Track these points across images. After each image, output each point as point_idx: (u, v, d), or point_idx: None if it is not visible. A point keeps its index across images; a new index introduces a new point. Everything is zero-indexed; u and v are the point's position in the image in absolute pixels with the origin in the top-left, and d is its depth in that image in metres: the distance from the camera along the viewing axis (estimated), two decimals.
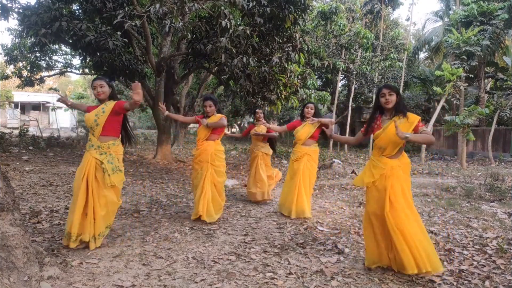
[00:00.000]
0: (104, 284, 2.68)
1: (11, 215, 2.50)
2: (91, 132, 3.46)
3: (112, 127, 3.44)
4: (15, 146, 11.57)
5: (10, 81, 30.10)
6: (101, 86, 3.42)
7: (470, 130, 12.58)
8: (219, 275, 2.92)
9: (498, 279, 2.93)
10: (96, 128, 3.39)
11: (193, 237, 3.91)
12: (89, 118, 3.41)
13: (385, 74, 18.52)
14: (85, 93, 34.39)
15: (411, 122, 2.95)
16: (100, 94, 3.42)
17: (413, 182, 8.67)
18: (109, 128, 3.42)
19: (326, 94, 17.70)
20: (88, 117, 3.42)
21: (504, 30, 16.07)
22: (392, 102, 3.00)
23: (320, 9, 15.79)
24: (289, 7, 7.15)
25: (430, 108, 21.63)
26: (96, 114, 3.39)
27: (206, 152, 4.47)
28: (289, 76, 8.82)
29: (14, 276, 2.41)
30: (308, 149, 4.94)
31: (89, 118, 3.41)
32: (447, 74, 13.77)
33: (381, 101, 3.05)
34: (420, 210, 5.57)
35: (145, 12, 6.49)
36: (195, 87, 15.68)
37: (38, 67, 14.45)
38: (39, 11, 7.41)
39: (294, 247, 3.68)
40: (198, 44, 8.04)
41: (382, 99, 3.04)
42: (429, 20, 24.71)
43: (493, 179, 7.88)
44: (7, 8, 7.92)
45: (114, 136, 3.47)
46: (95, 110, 3.44)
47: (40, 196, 5.45)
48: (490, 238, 4.01)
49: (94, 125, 3.39)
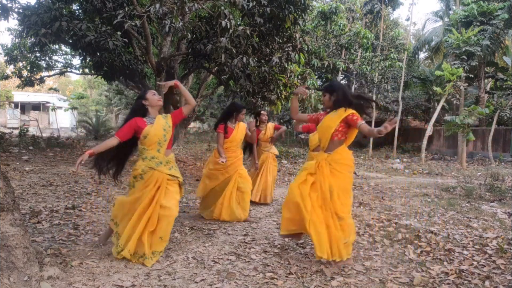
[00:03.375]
0: (104, 284, 2.68)
1: (11, 215, 2.50)
2: (153, 148, 3.14)
3: (171, 139, 3.25)
4: (15, 146, 11.57)
5: (10, 81, 30.10)
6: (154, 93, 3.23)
7: (470, 130, 12.59)
8: (219, 275, 2.92)
9: (498, 279, 2.93)
10: (164, 144, 3.15)
11: (193, 237, 3.91)
12: (158, 133, 3.08)
13: (385, 74, 18.49)
14: (85, 93, 34.40)
15: (339, 114, 3.11)
16: (160, 100, 3.23)
17: (413, 182, 8.68)
18: (170, 141, 3.24)
19: None
20: (156, 132, 3.08)
21: (504, 30, 16.07)
22: (325, 102, 3.28)
23: (320, 9, 15.78)
24: (289, 7, 7.15)
25: (430, 108, 21.62)
26: (164, 129, 3.12)
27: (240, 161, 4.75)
28: (289, 76, 8.81)
29: (14, 276, 2.41)
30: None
31: (158, 133, 3.08)
32: (447, 74, 13.78)
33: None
34: (420, 210, 5.58)
35: (145, 12, 6.48)
36: (195, 87, 15.67)
37: (38, 67, 14.44)
38: (39, 11, 7.41)
39: (294, 247, 3.67)
40: (198, 44, 8.03)
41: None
42: (429, 20, 24.71)
43: (493, 179, 7.88)
44: (7, 8, 7.92)
45: (170, 148, 3.29)
46: (160, 125, 3.12)
47: (40, 196, 5.45)
48: (490, 238, 4.00)
49: (162, 140, 3.13)
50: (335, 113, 3.18)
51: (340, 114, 3.12)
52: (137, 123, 3.14)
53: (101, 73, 9.57)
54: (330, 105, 3.25)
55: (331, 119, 3.16)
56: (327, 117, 3.22)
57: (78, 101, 28.26)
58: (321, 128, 3.26)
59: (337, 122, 3.12)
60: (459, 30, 15.42)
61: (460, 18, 15.83)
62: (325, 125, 3.19)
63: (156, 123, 3.16)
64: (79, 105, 28.99)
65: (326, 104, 3.28)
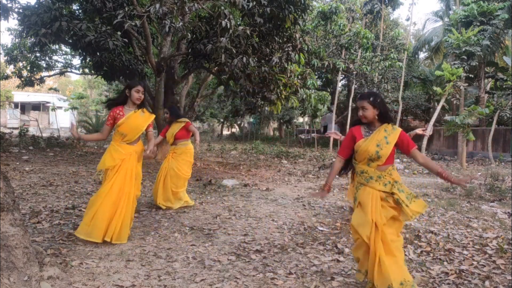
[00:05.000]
0: (104, 284, 2.68)
1: (11, 215, 2.50)
2: (365, 163, 2.72)
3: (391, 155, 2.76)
4: (15, 146, 11.57)
5: (10, 81, 30.12)
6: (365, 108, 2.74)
7: (470, 130, 12.58)
8: (219, 275, 2.92)
9: (498, 279, 2.93)
10: (378, 161, 2.69)
11: (193, 237, 3.91)
12: (370, 149, 2.65)
13: (385, 74, 18.50)
14: (85, 93, 34.40)
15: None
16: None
17: (413, 182, 8.68)
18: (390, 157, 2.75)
19: (326, 94, 17.67)
20: (367, 148, 2.67)
21: (504, 30, 16.07)
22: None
23: (320, 9, 15.79)
24: (289, 7, 7.15)
25: (430, 108, 21.63)
26: (378, 145, 2.66)
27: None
28: (289, 76, 8.81)
29: (14, 276, 2.41)
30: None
31: (370, 149, 2.65)
32: (447, 74, 13.77)
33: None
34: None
35: (145, 12, 6.48)
36: (195, 87, 15.66)
37: (38, 67, 14.44)
38: (39, 11, 7.41)
39: (294, 247, 3.67)
40: (198, 44, 8.03)
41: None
42: (429, 20, 24.72)
43: (493, 179, 7.88)
44: (7, 8, 7.93)
45: (390, 163, 2.77)
46: (375, 139, 2.68)
47: (40, 196, 5.45)
48: (490, 238, 4.01)
49: (375, 156, 2.67)
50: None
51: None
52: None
53: (101, 73, 9.57)
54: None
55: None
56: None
57: (78, 101, 28.25)
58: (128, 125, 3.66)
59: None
60: (459, 30, 15.42)
61: (460, 18, 15.83)
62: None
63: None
64: (79, 105, 28.98)
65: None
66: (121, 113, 3.64)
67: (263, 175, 9.16)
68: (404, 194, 2.73)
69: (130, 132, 3.64)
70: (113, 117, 3.64)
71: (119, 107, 3.69)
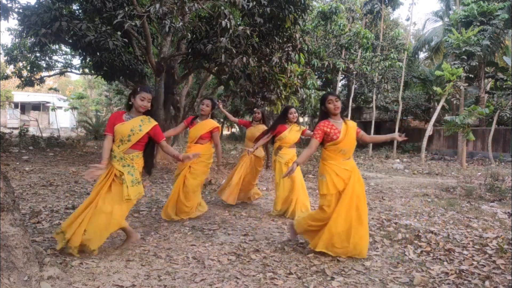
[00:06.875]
0: (104, 284, 2.68)
1: (11, 215, 2.50)
2: (115, 143, 3.27)
3: (140, 142, 3.36)
4: (15, 146, 11.57)
5: (10, 81, 30.13)
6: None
7: (470, 130, 12.58)
8: (219, 275, 2.92)
9: (498, 279, 2.93)
10: (127, 143, 3.26)
11: (193, 237, 3.91)
12: (123, 131, 3.25)
13: (385, 74, 18.48)
14: (85, 93, 34.41)
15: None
16: (143, 108, 3.27)
17: (413, 182, 8.68)
18: (139, 142, 3.34)
19: None
20: (122, 129, 3.24)
21: (504, 30, 16.06)
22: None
23: (320, 9, 15.77)
24: (289, 7, 7.15)
25: (430, 108, 21.63)
26: (132, 130, 3.25)
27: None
28: (289, 76, 8.81)
29: (14, 276, 2.41)
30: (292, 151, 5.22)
31: (123, 131, 3.25)
32: (447, 74, 13.77)
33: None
34: (420, 210, 5.58)
35: (145, 12, 6.48)
36: (195, 87, 15.66)
37: (38, 67, 14.44)
38: (39, 11, 7.41)
39: (294, 247, 3.67)
40: (198, 44, 8.03)
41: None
42: (429, 20, 24.71)
43: (493, 179, 7.88)
44: (7, 8, 7.92)
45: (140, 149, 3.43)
46: (130, 124, 3.25)
47: (40, 196, 5.45)
48: (490, 238, 4.01)
49: (125, 139, 3.25)
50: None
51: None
52: (114, 119, 3.31)
53: (101, 73, 9.57)
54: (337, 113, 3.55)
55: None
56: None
57: (78, 101, 28.27)
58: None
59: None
60: (459, 30, 15.42)
61: (460, 18, 15.82)
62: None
63: (129, 121, 3.27)
64: (79, 105, 29.00)
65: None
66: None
67: (263, 175, 9.15)
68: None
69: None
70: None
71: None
